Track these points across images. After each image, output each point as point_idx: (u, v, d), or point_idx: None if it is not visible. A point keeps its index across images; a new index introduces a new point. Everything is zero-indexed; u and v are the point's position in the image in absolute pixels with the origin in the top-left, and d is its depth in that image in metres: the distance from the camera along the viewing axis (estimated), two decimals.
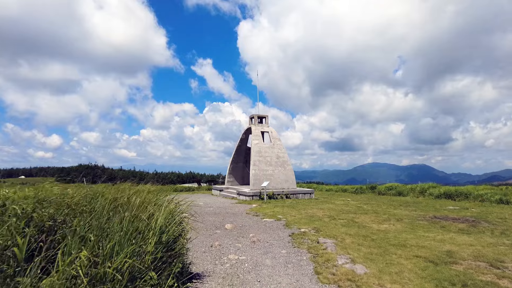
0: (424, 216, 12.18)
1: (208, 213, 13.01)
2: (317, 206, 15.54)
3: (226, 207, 15.35)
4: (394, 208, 15.02)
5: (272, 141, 22.59)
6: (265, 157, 21.42)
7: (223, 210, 13.95)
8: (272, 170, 21.29)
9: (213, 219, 11.38)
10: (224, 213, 12.93)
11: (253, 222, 10.55)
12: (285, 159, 22.23)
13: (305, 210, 13.57)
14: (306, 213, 12.80)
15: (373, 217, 11.86)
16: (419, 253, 6.48)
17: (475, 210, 14.17)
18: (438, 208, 14.82)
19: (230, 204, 16.79)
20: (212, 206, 15.61)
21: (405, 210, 14.02)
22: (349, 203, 16.95)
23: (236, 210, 14.06)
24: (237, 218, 11.55)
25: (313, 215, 12.26)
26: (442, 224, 10.33)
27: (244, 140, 25.22)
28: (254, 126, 22.89)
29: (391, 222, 10.85)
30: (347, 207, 15.27)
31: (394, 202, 17.94)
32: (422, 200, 18.97)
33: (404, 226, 9.92)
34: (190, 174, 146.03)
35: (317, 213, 12.91)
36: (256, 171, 20.55)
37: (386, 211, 13.80)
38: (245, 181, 25.96)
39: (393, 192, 23.93)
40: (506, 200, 17.04)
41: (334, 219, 11.21)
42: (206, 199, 19.91)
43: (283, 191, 19.97)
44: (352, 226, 9.80)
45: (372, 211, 13.60)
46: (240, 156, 25.67)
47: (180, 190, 31.03)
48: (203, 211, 13.68)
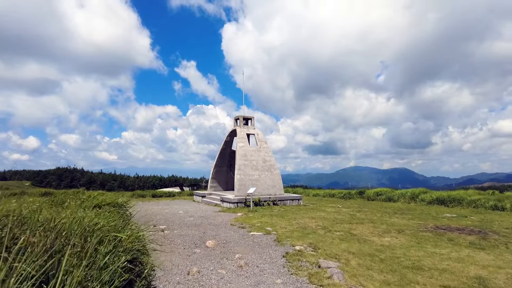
0: (425, 226, 11.16)
1: (188, 225, 11.54)
2: (307, 214, 14.32)
3: (208, 216, 13.90)
4: (389, 216, 14.00)
5: (258, 144, 21.31)
6: (251, 161, 20.10)
7: (205, 221, 12.51)
8: (258, 175, 19.98)
9: (193, 232, 9.93)
10: (206, 225, 11.49)
11: (239, 236, 9.18)
12: (272, 163, 20.98)
13: (296, 220, 12.31)
14: (297, 223, 11.54)
15: (371, 228, 10.73)
16: (444, 280, 5.31)
17: (474, 218, 13.32)
18: (435, 216, 13.91)
19: (213, 212, 15.34)
20: (193, 216, 14.13)
21: (402, 219, 13.00)
22: (341, 211, 15.84)
23: (220, 220, 12.64)
24: (221, 231, 10.14)
25: (306, 226, 11.01)
26: (449, 236, 9.29)
27: (228, 143, 23.81)
28: (239, 128, 21.55)
29: (392, 234, 9.74)
30: (339, 215, 14.14)
31: (387, 208, 16.98)
32: (415, 207, 18.11)
33: (408, 240, 8.81)
34: (172, 178, 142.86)
35: (309, 223, 11.67)
36: (241, 176, 19.19)
37: (382, 220, 12.74)
38: (229, 186, 24.52)
39: (383, 198, 23.09)
40: (501, 206, 16.38)
41: (329, 231, 9.99)
42: (187, 207, 18.36)
43: (270, 198, 18.69)
44: (352, 241, 8.60)
45: (367, 220, 12.50)
46: (224, 159, 24.23)
47: (159, 196, 29.22)
48: (183, 222, 12.19)
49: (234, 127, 22.16)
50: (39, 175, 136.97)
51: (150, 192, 30.45)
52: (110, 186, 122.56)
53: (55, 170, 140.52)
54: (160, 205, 20.14)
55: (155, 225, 11.46)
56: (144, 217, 13.79)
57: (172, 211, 16.12)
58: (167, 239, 8.84)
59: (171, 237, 9.20)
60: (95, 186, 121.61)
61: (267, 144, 21.74)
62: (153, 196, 29.06)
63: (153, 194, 29.67)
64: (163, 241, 8.55)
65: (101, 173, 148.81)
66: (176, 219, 13.06)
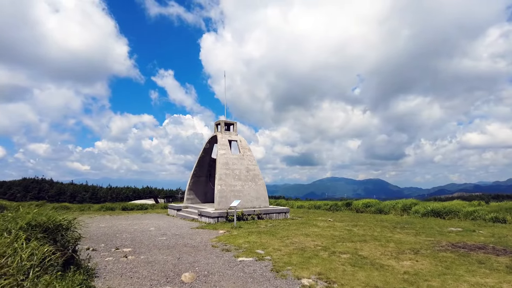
0: (439, 244, 9.63)
1: (159, 246, 9.36)
2: (300, 230, 12.49)
3: (184, 234, 11.74)
4: (390, 231, 12.44)
5: (241, 152, 19.40)
6: (233, 170, 18.13)
7: (180, 240, 10.36)
8: (241, 186, 18.01)
9: (165, 258, 7.81)
10: (181, 246, 9.36)
11: (224, 264, 7.17)
12: (256, 173, 19.10)
13: (290, 239, 10.43)
14: (292, 243, 9.67)
15: (379, 248, 9.04)
16: None
17: (484, 232, 12.00)
18: (440, 231, 12.49)
19: (190, 229, 13.18)
20: (166, 234, 11.92)
21: (406, 235, 11.45)
22: (335, 226, 14.14)
23: (198, 239, 10.53)
24: (200, 255, 8.08)
25: (303, 246, 9.16)
26: (477, 258, 7.75)
27: (208, 150, 21.70)
28: (221, 134, 19.58)
29: (408, 255, 8.09)
30: (335, 231, 12.41)
31: (383, 222, 15.47)
32: (411, 220, 16.73)
33: (433, 264, 7.16)
34: (147, 189, 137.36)
35: (306, 242, 9.83)
36: (222, 187, 17.15)
37: (386, 236, 11.12)
38: (208, 198, 22.32)
39: (373, 210, 21.71)
40: (503, 218, 15.29)
41: (333, 254, 8.20)
42: (160, 222, 16.04)
43: (254, 211, 16.73)
44: (367, 267, 6.83)
45: (370, 237, 10.84)
46: (203, 169, 22.05)
47: (130, 209, 26.47)
48: (153, 242, 9.99)
49: (215, 133, 20.17)
50: (3, 186, 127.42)
51: (120, 205, 27.52)
52: (81, 198, 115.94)
53: (21, 181, 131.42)
54: (129, 219, 17.67)
55: (118, 247, 9.22)
56: (106, 236, 11.44)
57: (142, 228, 13.81)
58: (130, 269, 6.71)
59: (136, 265, 7.06)
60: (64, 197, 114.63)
61: (251, 151, 19.88)
62: (124, 209, 26.25)
63: (124, 207, 26.80)
64: (124, 273, 6.41)
65: (71, 184, 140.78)
66: (145, 238, 10.83)
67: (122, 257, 7.84)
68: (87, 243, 9.94)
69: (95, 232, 12.37)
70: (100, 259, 7.64)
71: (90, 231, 12.65)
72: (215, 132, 20.43)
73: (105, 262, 7.31)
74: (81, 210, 25.03)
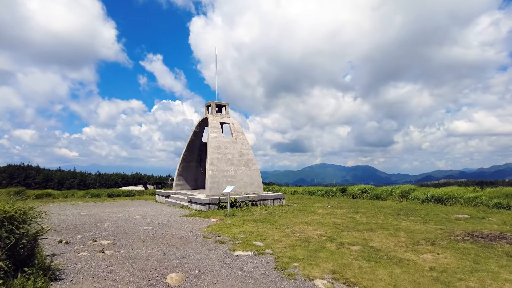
0: (453, 233, 8.79)
1: (143, 238, 8.26)
2: (298, 218, 11.54)
3: (172, 223, 10.65)
4: (395, 218, 11.61)
5: (234, 135, 18.23)
6: (225, 154, 16.98)
7: (168, 230, 9.27)
8: (234, 171, 16.93)
9: (149, 252, 6.71)
10: (168, 237, 8.28)
11: (219, 260, 6.11)
12: (250, 157, 18.01)
13: (290, 228, 9.45)
14: (293, 233, 8.68)
15: (390, 238, 8.14)
16: None
17: (493, 219, 11.27)
18: (447, 218, 11.72)
19: (179, 217, 12.09)
20: (152, 223, 10.81)
21: (414, 222, 10.62)
22: (335, 212, 13.25)
23: (188, 229, 9.45)
24: (190, 249, 7.01)
25: (306, 236, 8.18)
26: (502, 249, 6.90)
27: (198, 134, 20.43)
28: (212, 116, 18.31)
29: (425, 247, 7.19)
30: (337, 218, 11.51)
31: (384, 209, 14.66)
32: (413, 206, 15.99)
33: (458, 258, 6.26)
34: (136, 176, 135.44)
35: (307, 231, 8.86)
36: (214, 172, 16.03)
37: (393, 224, 10.25)
38: (198, 184, 21.22)
39: (370, 196, 20.98)
40: (507, 204, 14.65)
41: (341, 245, 7.24)
42: (147, 209, 14.90)
43: (248, 197, 15.72)
44: (385, 262, 5.88)
45: (376, 226, 9.95)
46: (193, 153, 20.82)
47: (116, 195, 25.18)
48: (137, 233, 8.87)
49: (206, 115, 18.87)
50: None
51: (106, 191, 26.13)
52: (69, 184, 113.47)
53: (6, 168, 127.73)
54: (114, 206, 16.48)
55: (96, 239, 8.07)
56: (85, 225, 10.26)
57: (127, 216, 12.66)
58: (106, 268, 5.59)
59: (113, 262, 5.94)
60: (52, 184, 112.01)
61: (244, 135, 18.72)
62: (110, 196, 24.93)
63: (110, 194, 25.43)
64: (97, 273, 5.29)
65: (59, 170, 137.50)
66: (128, 228, 9.69)
67: (99, 252, 6.70)
68: (62, 234, 8.77)
69: (73, 221, 11.17)
70: (71, 255, 6.49)
71: (69, 220, 11.45)
72: (205, 114, 19.14)
73: (77, 259, 6.17)
74: (64, 196, 23.63)
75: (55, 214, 13.04)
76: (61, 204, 18.15)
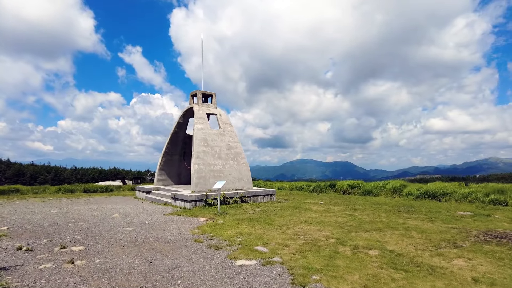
0: (468, 233, 8.06)
1: (123, 241, 7.00)
2: (295, 216, 10.56)
3: (156, 223, 9.40)
4: (397, 216, 10.86)
5: (222, 127, 17.00)
6: (212, 147, 15.75)
7: (152, 232, 8.03)
8: (222, 165, 15.74)
9: (130, 262, 5.50)
10: (153, 241, 7.06)
11: (218, 272, 4.99)
12: (239, 151, 16.86)
13: (290, 228, 8.43)
14: (296, 234, 7.66)
15: (405, 239, 7.28)
16: None
17: (500, 217, 10.72)
18: (451, 215, 11.09)
19: (163, 216, 10.83)
20: (133, 222, 9.51)
21: (421, 221, 9.88)
22: (332, 210, 12.37)
23: (175, 231, 8.24)
24: (181, 257, 5.84)
25: (312, 239, 7.18)
26: None
27: (182, 125, 19.02)
28: (198, 106, 16.98)
29: (447, 249, 6.37)
30: (337, 216, 10.62)
31: (382, 205, 13.94)
32: (409, 202, 15.40)
33: (495, 264, 5.44)
34: (114, 171, 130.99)
35: (311, 232, 7.88)
36: (200, 166, 14.79)
37: (399, 223, 9.46)
38: (182, 179, 19.87)
39: (361, 191, 20.35)
40: (504, 201, 14.27)
41: (356, 249, 6.29)
42: (126, 207, 13.50)
43: (237, 193, 14.61)
44: (415, 271, 4.96)
45: (382, 225, 9.11)
46: (177, 146, 19.41)
47: (93, 191, 23.32)
48: (115, 236, 7.59)
49: (191, 105, 17.50)
50: None
51: (81, 187, 24.12)
52: (42, 179, 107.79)
53: None
54: (90, 203, 14.94)
55: (65, 245, 6.73)
56: (54, 226, 8.84)
57: (104, 214, 11.27)
58: (76, 287, 4.35)
59: (85, 279, 4.70)
60: (24, 179, 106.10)
61: (232, 127, 17.53)
62: (85, 191, 23.00)
63: (85, 189, 23.48)
64: None
65: (32, 164, 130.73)
66: (105, 230, 8.37)
67: (67, 263, 5.42)
68: (23, 239, 7.36)
69: (40, 222, 9.68)
70: (31, 267, 5.18)
71: (35, 220, 9.94)
72: (190, 104, 17.77)
73: (37, 273, 4.88)
74: (34, 192, 21.53)
75: (19, 213, 11.45)
76: (30, 200, 16.37)
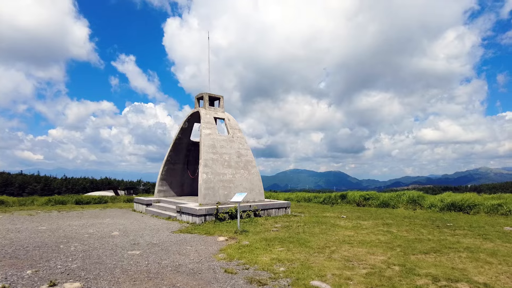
0: None
1: (131, 272, 5.42)
2: (327, 234, 9.07)
3: (166, 244, 7.80)
4: (439, 232, 9.50)
5: (231, 132, 15.53)
6: (221, 154, 14.25)
7: (166, 259, 6.45)
8: (232, 174, 14.21)
9: None
10: (170, 273, 5.49)
11: None
12: (249, 159, 15.37)
13: (334, 252, 6.93)
14: (347, 260, 6.17)
15: (485, 266, 5.85)
16: None
17: None
18: (499, 231, 9.73)
19: (171, 234, 9.22)
20: (139, 243, 7.90)
21: (474, 238, 8.50)
22: (363, 225, 10.91)
23: (194, 256, 6.67)
24: None
25: (371, 266, 5.70)
26: None
27: (186, 131, 17.47)
28: (205, 109, 15.51)
29: None
30: (374, 234, 9.17)
31: (413, 219, 12.52)
32: (435, 215, 14.04)
33: None
34: (106, 181, 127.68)
35: (362, 257, 6.40)
36: (208, 176, 13.24)
37: (453, 242, 8.07)
38: (185, 190, 18.22)
39: (377, 203, 18.95)
40: None
41: (437, 281, 4.85)
42: (126, 222, 11.83)
43: (250, 206, 13.08)
44: None
45: (434, 244, 7.69)
46: (180, 154, 17.81)
47: (86, 202, 21.31)
48: (120, 263, 5.99)
49: (196, 109, 16.02)
50: None
51: (73, 198, 21.96)
52: (31, 189, 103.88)
53: None
54: (84, 217, 13.18)
55: (56, 279, 5.11)
56: (42, 249, 7.16)
57: (102, 232, 9.60)
58: None
59: None
60: (12, 189, 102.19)
61: (242, 133, 16.07)
62: (78, 203, 20.91)
63: (78, 200, 21.35)
64: None
65: (20, 174, 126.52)
66: (106, 254, 6.75)
67: None
68: (1, 268, 5.72)
69: (25, 242, 7.98)
70: None
71: (18, 240, 8.22)
72: (196, 107, 16.29)
73: None
74: (21, 204, 19.32)
75: (0, 231, 9.70)
76: (15, 214, 14.45)
